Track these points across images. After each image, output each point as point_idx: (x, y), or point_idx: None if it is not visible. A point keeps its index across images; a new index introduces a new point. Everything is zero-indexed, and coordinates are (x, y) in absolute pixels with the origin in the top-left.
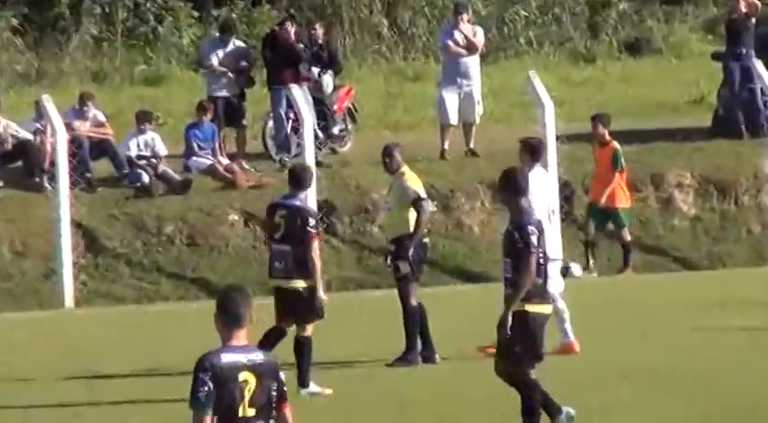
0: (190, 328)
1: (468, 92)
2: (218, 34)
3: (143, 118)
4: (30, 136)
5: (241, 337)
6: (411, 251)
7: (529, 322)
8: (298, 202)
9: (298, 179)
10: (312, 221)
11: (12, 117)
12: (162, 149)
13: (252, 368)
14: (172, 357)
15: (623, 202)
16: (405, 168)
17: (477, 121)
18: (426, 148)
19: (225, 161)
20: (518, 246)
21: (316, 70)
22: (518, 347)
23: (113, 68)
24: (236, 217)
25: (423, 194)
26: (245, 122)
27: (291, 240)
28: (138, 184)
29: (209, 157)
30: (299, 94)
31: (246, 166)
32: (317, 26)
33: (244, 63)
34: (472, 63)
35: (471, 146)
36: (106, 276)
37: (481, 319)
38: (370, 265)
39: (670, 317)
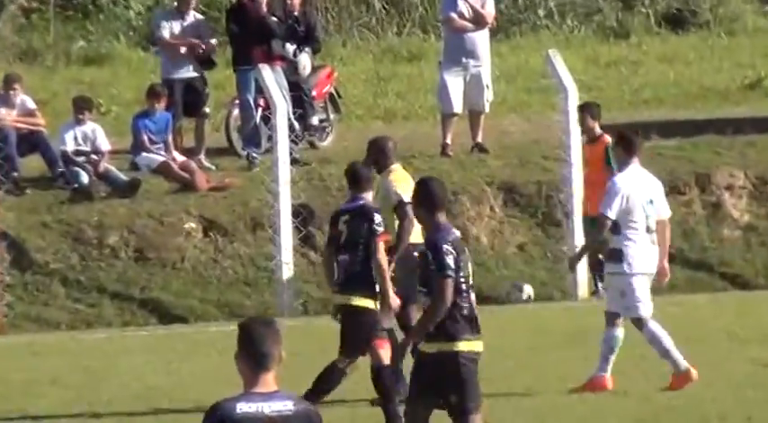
0: (137, 360)
1: (476, 74)
2: (175, 3)
3: (81, 105)
4: None
5: (268, 382)
6: (392, 266)
7: (461, 365)
8: (361, 202)
9: (356, 178)
10: (378, 219)
11: None
12: (104, 144)
13: (277, 421)
14: (115, 394)
15: None
16: (395, 166)
17: (487, 109)
18: (424, 143)
19: (180, 158)
20: (431, 268)
21: (291, 48)
22: (453, 397)
23: (45, 46)
24: (193, 225)
25: (407, 198)
26: (206, 110)
27: (353, 248)
28: (76, 184)
29: (162, 152)
30: (271, 77)
31: (207, 164)
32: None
33: (210, 40)
34: (480, 40)
35: (479, 139)
36: (37, 297)
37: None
38: None
39: (718, 346)
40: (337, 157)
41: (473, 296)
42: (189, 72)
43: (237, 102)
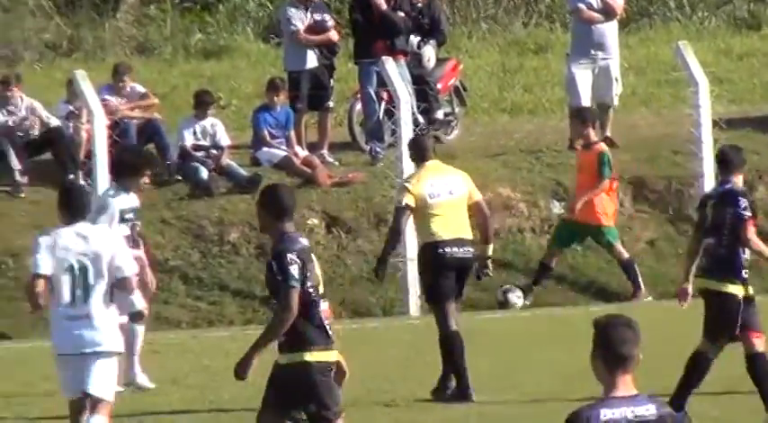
0: (261, 358)
1: (604, 67)
2: None
3: (205, 100)
4: (60, 122)
5: (629, 385)
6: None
7: (313, 375)
8: (728, 186)
9: (725, 161)
10: (743, 203)
11: (39, 97)
12: (224, 138)
13: None
14: (237, 393)
15: (608, 218)
16: (430, 163)
17: (616, 102)
18: (551, 137)
19: (303, 152)
20: (277, 278)
21: (415, 40)
22: (311, 407)
23: (163, 38)
24: (316, 221)
25: (403, 201)
26: (330, 104)
27: (717, 232)
28: (195, 180)
29: (283, 147)
30: (394, 70)
31: (329, 159)
32: None
33: (329, 23)
34: (609, 31)
35: (608, 133)
36: (157, 295)
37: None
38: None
39: None
40: (462, 151)
41: (324, 305)
42: (314, 63)
43: (360, 95)
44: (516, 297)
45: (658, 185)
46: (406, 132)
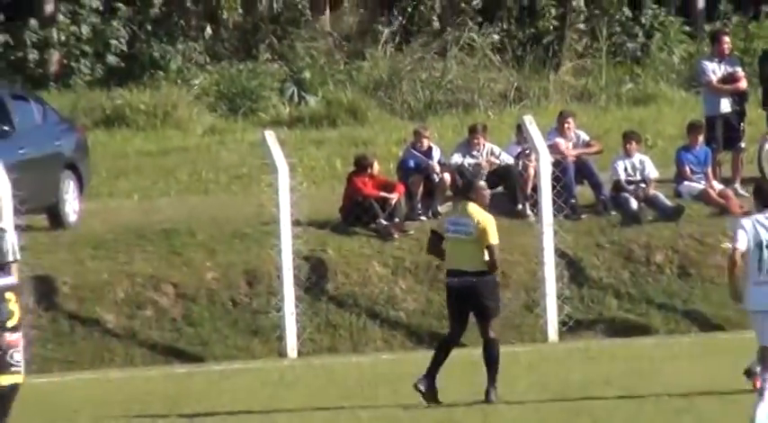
0: (681, 364)
1: None
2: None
3: (630, 137)
4: (511, 160)
5: None
6: None
7: None
8: None
9: None
10: None
11: (492, 139)
12: (652, 172)
13: None
14: (660, 390)
15: None
16: None
17: None
18: None
19: (718, 186)
20: None
21: None
22: None
23: (598, 88)
24: (729, 245)
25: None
26: (741, 145)
27: None
28: (625, 209)
29: (702, 181)
30: None
31: (741, 192)
32: None
33: (740, 74)
34: None
35: None
36: (592, 308)
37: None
38: None
39: None
40: None
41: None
42: (727, 108)
43: None
44: None
45: None
46: None
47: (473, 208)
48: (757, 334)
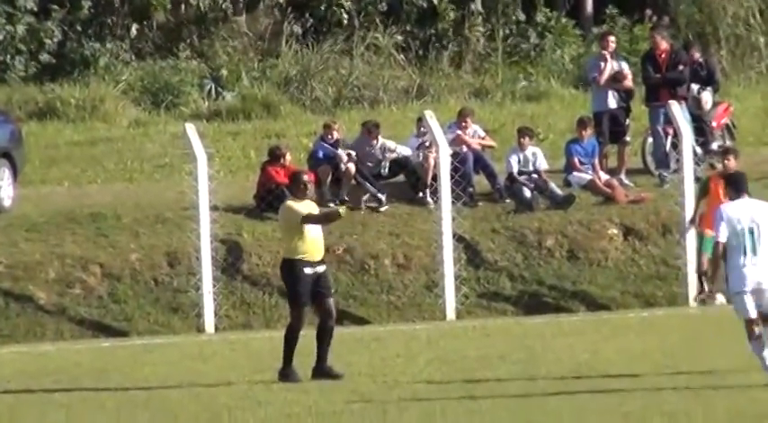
0: (568, 341)
1: None
2: (601, 51)
3: (525, 133)
4: (409, 151)
5: None
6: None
7: None
8: None
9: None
10: None
11: (393, 133)
12: (543, 164)
13: None
14: (551, 368)
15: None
16: None
17: None
18: None
19: (605, 176)
20: None
21: (695, 88)
22: None
23: (495, 85)
24: (615, 231)
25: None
26: (627, 139)
27: None
28: (520, 198)
29: (590, 172)
30: (679, 112)
31: (626, 182)
32: (695, 48)
33: (626, 72)
34: None
35: None
36: (487, 289)
37: None
38: None
39: None
40: None
41: None
42: (614, 105)
43: (650, 131)
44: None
45: None
46: (688, 161)
47: None
48: (740, 311)
